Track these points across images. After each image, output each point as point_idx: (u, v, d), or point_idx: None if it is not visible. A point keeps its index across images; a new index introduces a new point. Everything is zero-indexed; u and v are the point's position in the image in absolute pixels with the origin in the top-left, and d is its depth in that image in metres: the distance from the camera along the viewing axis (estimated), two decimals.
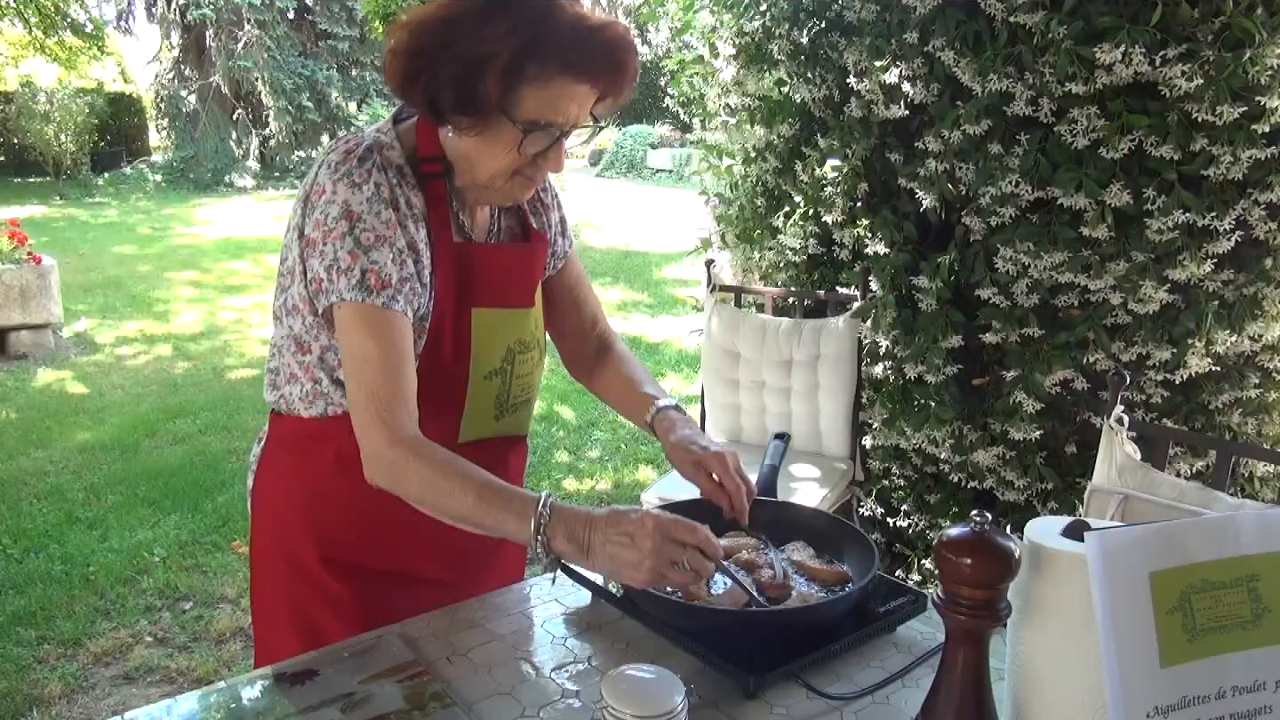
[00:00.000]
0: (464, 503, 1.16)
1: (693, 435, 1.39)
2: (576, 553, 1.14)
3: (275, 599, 1.43)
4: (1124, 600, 0.80)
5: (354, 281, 1.21)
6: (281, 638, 1.40)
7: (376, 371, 1.20)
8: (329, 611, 1.37)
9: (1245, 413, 2.48)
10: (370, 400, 1.20)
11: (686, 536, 1.11)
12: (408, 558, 1.40)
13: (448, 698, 1.13)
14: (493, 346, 1.35)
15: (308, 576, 1.38)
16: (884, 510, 3.05)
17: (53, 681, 2.81)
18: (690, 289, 7.82)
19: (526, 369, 1.42)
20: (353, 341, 1.22)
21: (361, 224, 1.21)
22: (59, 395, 5.61)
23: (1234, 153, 2.14)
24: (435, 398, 1.30)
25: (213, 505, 4.02)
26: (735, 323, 2.99)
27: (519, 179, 1.28)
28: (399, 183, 1.25)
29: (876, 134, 2.71)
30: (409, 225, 1.25)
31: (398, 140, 1.29)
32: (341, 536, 1.37)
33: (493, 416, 1.39)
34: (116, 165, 17.25)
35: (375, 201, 1.22)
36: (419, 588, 1.39)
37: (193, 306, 7.87)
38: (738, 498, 1.33)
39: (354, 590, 1.37)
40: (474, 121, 1.21)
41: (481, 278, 1.33)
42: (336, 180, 1.22)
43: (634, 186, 17.32)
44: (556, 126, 1.22)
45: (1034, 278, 2.42)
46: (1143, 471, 1.71)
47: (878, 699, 1.14)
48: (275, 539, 1.42)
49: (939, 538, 0.89)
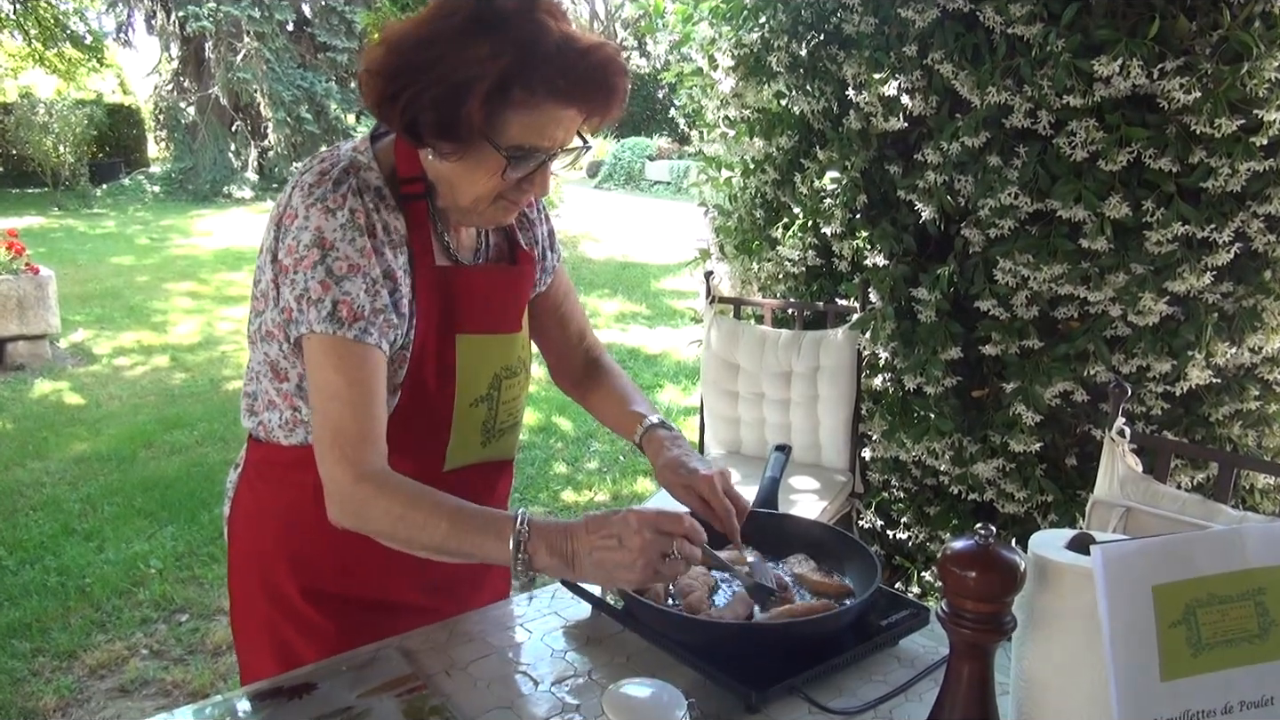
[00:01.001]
0: (438, 532, 1.12)
1: (681, 456, 1.36)
2: (561, 566, 1.10)
3: (254, 626, 1.40)
4: (1127, 613, 0.80)
5: (325, 313, 1.16)
6: (262, 663, 1.37)
7: (344, 408, 1.16)
8: (308, 641, 1.34)
9: (1246, 425, 2.47)
10: (336, 437, 1.15)
11: (672, 526, 1.10)
12: (389, 587, 1.36)
13: (447, 712, 1.12)
14: (479, 374, 1.31)
15: (286, 607, 1.35)
16: (883, 522, 3.04)
17: (47, 694, 2.79)
18: (688, 300, 7.82)
19: (513, 393, 1.38)
20: (321, 376, 1.17)
21: (334, 253, 1.16)
22: (56, 406, 5.60)
23: (1232, 165, 2.14)
24: (420, 426, 1.28)
25: (209, 517, 4.01)
26: (734, 334, 2.99)
27: (502, 203, 1.23)
28: (376, 206, 1.20)
29: (875, 146, 2.71)
30: (386, 252, 1.20)
31: (375, 160, 1.23)
32: (321, 566, 1.33)
33: (479, 443, 1.36)
34: (115, 176, 17.26)
35: (349, 228, 1.17)
36: (401, 616, 1.35)
37: (190, 317, 7.86)
38: (728, 521, 1.30)
39: (334, 621, 1.34)
40: (455, 147, 1.15)
41: (466, 304, 1.29)
42: (310, 205, 1.17)
43: (632, 198, 17.34)
44: (542, 151, 1.17)
45: (1033, 289, 2.42)
46: (1144, 484, 1.70)
47: (880, 713, 1.13)
48: (253, 567, 1.38)
49: (943, 551, 0.88)
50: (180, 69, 17.92)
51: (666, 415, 1.39)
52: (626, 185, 19.11)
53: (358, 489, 1.14)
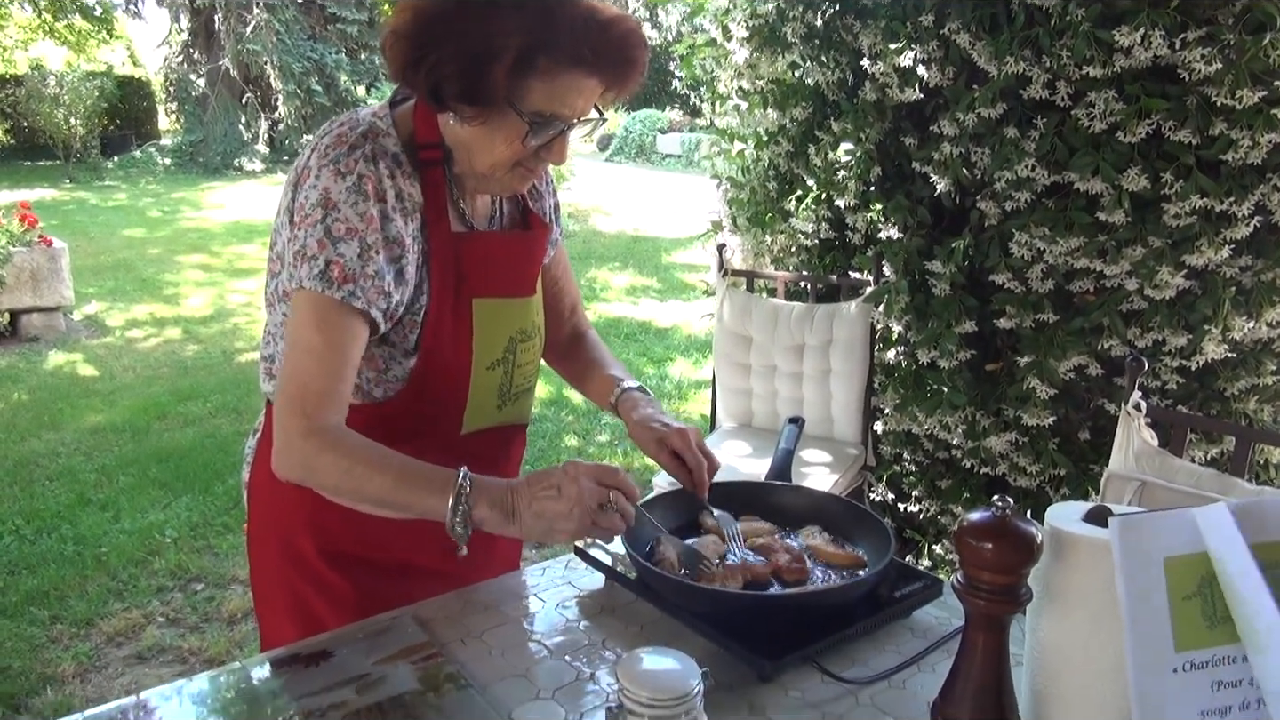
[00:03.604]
0: (383, 486, 1.15)
1: (654, 414, 1.39)
2: (501, 519, 1.14)
3: (274, 589, 1.42)
4: (1145, 586, 0.80)
5: (316, 270, 1.17)
6: (282, 626, 1.39)
7: (316, 365, 1.17)
8: (327, 602, 1.36)
9: (1262, 399, 2.46)
10: (301, 392, 1.17)
11: (608, 478, 1.14)
12: (407, 550, 1.38)
13: (462, 679, 1.13)
14: (495, 337, 1.33)
15: (305, 569, 1.37)
16: (895, 496, 3.05)
17: (66, 660, 2.82)
18: (699, 274, 7.80)
19: (528, 357, 1.40)
20: (300, 331, 1.19)
21: (336, 213, 1.17)
22: (70, 377, 5.63)
23: (1253, 137, 2.11)
24: (437, 390, 1.29)
25: (224, 487, 4.04)
26: (747, 307, 2.98)
27: (519, 170, 1.25)
28: (391, 172, 1.21)
29: (890, 117, 2.69)
30: (395, 219, 1.21)
31: (394, 125, 1.24)
32: (339, 530, 1.35)
33: (495, 406, 1.37)
34: (126, 149, 17.27)
35: (354, 193, 1.18)
36: (417, 579, 1.37)
37: (202, 290, 7.89)
38: (699, 473, 1.33)
39: (352, 582, 1.36)
40: (478, 111, 1.16)
41: (481, 268, 1.30)
42: (323, 166, 1.19)
43: (643, 172, 17.27)
44: (562, 120, 1.18)
45: (1049, 263, 2.40)
46: (1160, 458, 1.70)
47: (894, 683, 1.13)
48: (273, 531, 1.40)
49: (960, 522, 0.88)
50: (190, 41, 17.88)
51: (677, 389, 1.40)
52: (637, 158, 19.02)
53: (307, 442, 1.16)
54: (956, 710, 0.90)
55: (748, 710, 1.08)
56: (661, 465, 1.37)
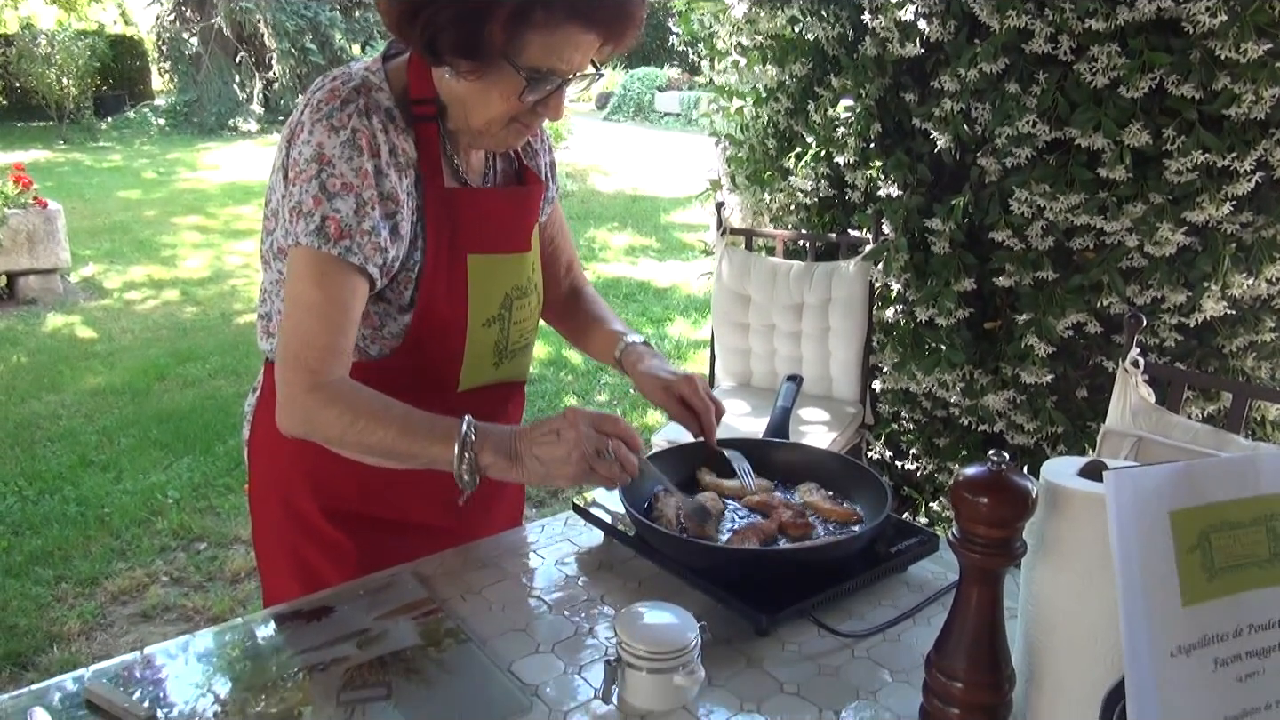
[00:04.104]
0: (387, 436, 1.16)
1: (660, 364, 1.41)
2: (505, 463, 1.15)
3: (277, 547, 1.43)
4: (1143, 540, 0.80)
5: (313, 227, 1.17)
6: (284, 584, 1.40)
7: (318, 322, 1.18)
8: (329, 560, 1.37)
9: (1259, 357, 2.46)
10: (304, 348, 1.17)
11: (609, 427, 1.15)
12: (408, 506, 1.39)
13: (462, 634, 1.14)
14: (490, 293, 1.32)
15: (307, 526, 1.38)
16: (892, 454, 3.06)
17: (71, 619, 2.85)
18: (699, 233, 7.77)
19: (524, 314, 1.39)
20: (300, 287, 1.19)
21: (331, 169, 1.17)
22: (69, 340, 5.63)
23: (1257, 91, 2.09)
24: (433, 347, 1.30)
25: (224, 448, 4.05)
26: (745, 266, 2.97)
27: (515, 126, 1.23)
28: (385, 127, 1.20)
29: (891, 73, 2.66)
30: (389, 174, 1.20)
31: (387, 80, 1.23)
32: (341, 487, 1.36)
33: (491, 364, 1.38)
34: (119, 109, 17.10)
35: (349, 148, 1.17)
36: (419, 535, 1.39)
37: (199, 251, 7.86)
38: (706, 418, 1.35)
39: (354, 539, 1.37)
40: (474, 66, 1.15)
41: (476, 224, 1.30)
42: (316, 121, 1.18)
43: (641, 130, 17.12)
44: (559, 74, 1.17)
45: (1049, 220, 2.39)
46: (1157, 414, 1.70)
47: (889, 636, 1.15)
48: (274, 489, 1.41)
49: (956, 476, 0.88)
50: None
51: (676, 348, 1.41)
52: (636, 117, 18.86)
53: (311, 397, 1.17)
54: (951, 662, 0.91)
55: (745, 663, 1.09)
56: (670, 413, 1.38)
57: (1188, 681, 0.79)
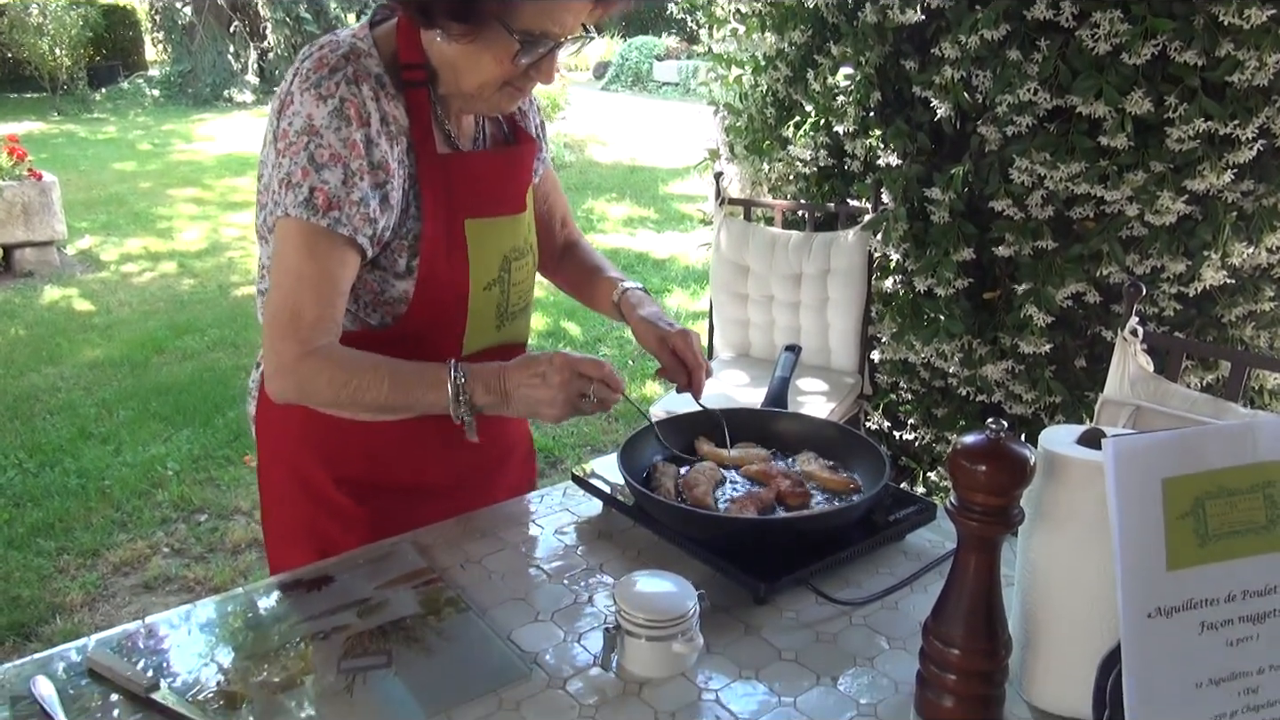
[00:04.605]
0: (380, 391, 1.19)
1: (659, 313, 1.42)
2: (498, 402, 1.20)
3: (288, 518, 1.43)
4: (1136, 506, 0.80)
5: (301, 198, 1.17)
6: (294, 554, 1.39)
7: (307, 291, 1.18)
8: (340, 529, 1.37)
9: (1259, 326, 2.46)
10: (293, 319, 1.18)
11: (592, 370, 1.20)
12: (417, 472, 1.40)
13: (462, 603, 1.15)
14: (489, 257, 1.33)
15: (320, 497, 1.38)
16: (891, 424, 3.06)
17: (74, 590, 2.87)
18: (697, 204, 7.73)
19: (522, 275, 1.40)
20: (289, 258, 1.19)
21: (319, 140, 1.16)
22: (66, 312, 5.62)
23: (1260, 58, 2.07)
24: (436, 314, 1.30)
25: (223, 420, 4.06)
26: (744, 236, 2.96)
27: (508, 90, 1.23)
28: (375, 94, 1.19)
29: (891, 40, 2.63)
30: (380, 142, 1.19)
31: (375, 46, 1.22)
32: (350, 456, 1.36)
33: (494, 327, 1.38)
34: (113, 80, 16.93)
35: (337, 118, 1.16)
36: (430, 501, 1.39)
37: (195, 224, 7.82)
38: (697, 374, 1.36)
39: (366, 507, 1.37)
40: (467, 29, 1.14)
41: (470, 188, 1.30)
42: (304, 90, 1.17)
43: (639, 100, 16.99)
44: (552, 37, 1.17)
45: (1049, 189, 2.37)
46: (1155, 383, 1.70)
47: (886, 604, 1.15)
48: (282, 461, 1.41)
49: (954, 445, 0.88)
50: None
51: (675, 319, 1.41)
52: (634, 87, 18.70)
53: (302, 364, 1.18)
54: (948, 629, 0.91)
55: (743, 631, 1.10)
56: (661, 362, 1.40)
57: (1166, 643, 0.80)
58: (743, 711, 0.97)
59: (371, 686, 1.01)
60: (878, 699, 0.99)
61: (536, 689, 1.00)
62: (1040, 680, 0.96)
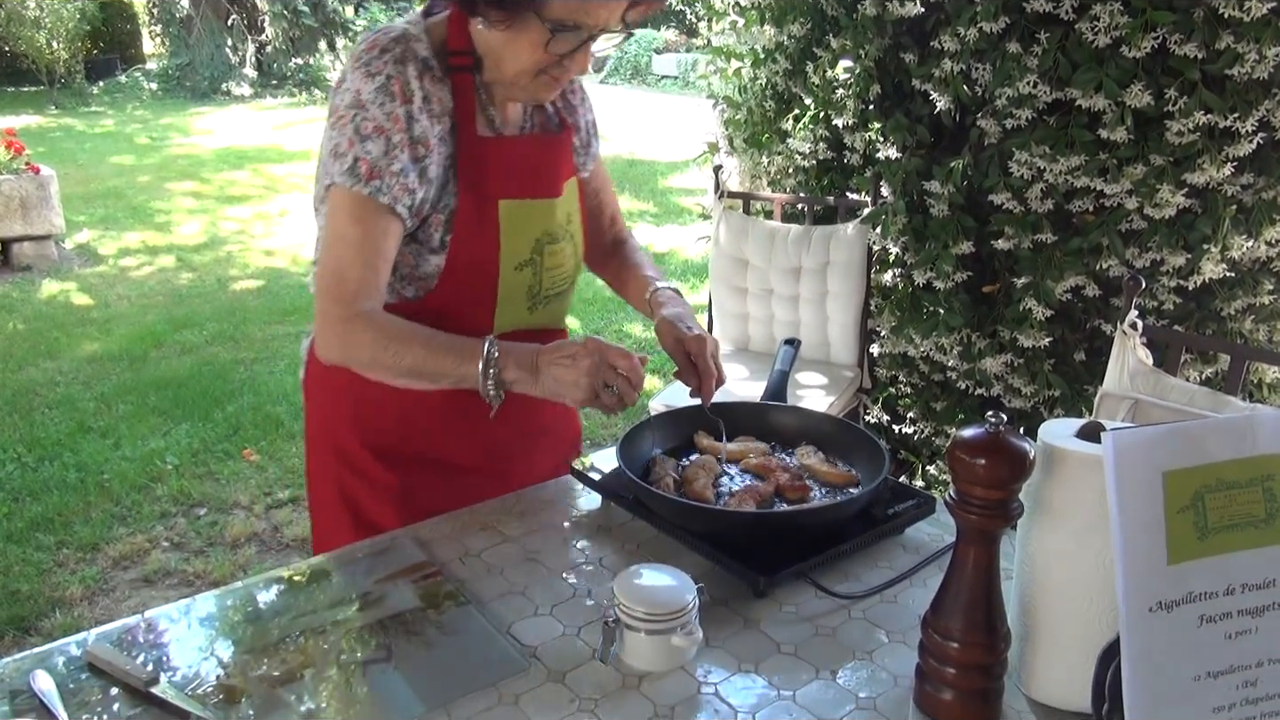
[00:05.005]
0: (417, 357, 1.24)
1: (683, 314, 1.43)
2: (526, 378, 1.23)
3: (327, 486, 1.49)
4: (1136, 499, 0.80)
5: (346, 167, 1.24)
6: (333, 520, 1.46)
7: (353, 256, 1.25)
8: (375, 497, 1.44)
9: (1258, 319, 2.46)
10: (338, 281, 1.25)
11: (620, 361, 1.22)
12: (448, 447, 1.44)
13: (461, 597, 1.15)
14: (521, 238, 1.37)
15: (354, 464, 1.44)
16: (890, 417, 3.06)
17: (73, 584, 2.87)
18: (696, 198, 7.72)
19: (557, 261, 1.43)
20: (337, 223, 1.27)
21: (364, 113, 1.24)
22: (65, 306, 5.61)
23: (1260, 50, 2.07)
24: (467, 289, 1.35)
25: (223, 414, 4.06)
26: (743, 230, 2.96)
27: (544, 78, 1.28)
28: (420, 75, 1.27)
29: (890, 33, 2.63)
30: (421, 119, 1.26)
31: (426, 33, 1.30)
32: (384, 426, 1.42)
33: (526, 308, 1.42)
34: (111, 73, 16.88)
35: (382, 94, 1.24)
36: (462, 478, 1.44)
37: (194, 217, 7.80)
38: (706, 382, 1.36)
39: (398, 475, 1.43)
40: (504, 16, 1.20)
41: (506, 171, 1.35)
42: (356, 69, 1.26)
43: (638, 93, 16.96)
44: (585, 29, 1.22)
45: (1049, 182, 2.37)
46: (1154, 377, 1.70)
47: (886, 598, 1.15)
48: (324, 427, 1.48)
49: (953, 438, 0.88)
50: None
51: None
52: (633, 80, 18.66)
53: (347, 325, 1.26)
54: (947, 622, 0.91)
55: (742, 624, 1.10)
56: (676, 363, 1.40)
57: (1166, 637, 0.80)
58: (742, 705, 0.97)
59: (371, 680, 1.01)
60: (877, 692, 0.99)
61: (536, 682, 1.00)
62: (1039, 674, 0.96)
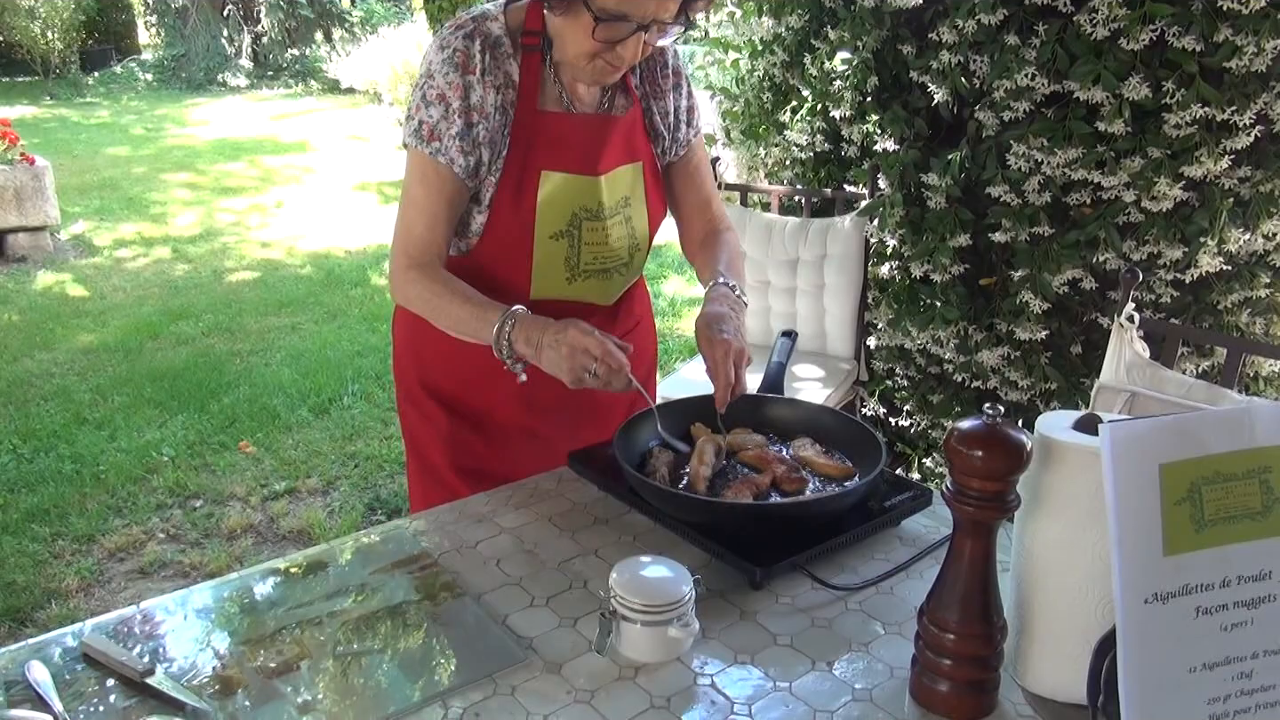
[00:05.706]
0: (458, 313, 1.37)
1: (725, 313, 1.41)
2: (532, 353, 1.30)
3: (402, 416, 1.66)
4: (1133, 491, 0.80)
5: (413, 128, 1.39)
6: (410, 456, 1.65)
7: (418, 214, 1.41)
8: (426, 427, 1.58)
9: (1254, 312, 2.46)
10: (405, 234, 1.42)
11: (594, 348, 1.26)
12: (489, 400, 1.54)
13: (458, 588, 1.15)
14: (558, 209, 1.44)
15: (412, 395, 1.61)
16: (886, 410, 3.06)
17: (69, 576, 2.87)
18: None
19: (597, 238, 1.48)
20: (409, 180, 1.42)
21: (431, 81, 1.38)
22: (60, 298, 5.59)
23: (1259, 43, 2.07)
24: (504, 250, 1.45)
25: (219, 406, 4.05)
26: (741, 222, 2.95)
27: (599, 63, 1.35)
28: (489, 51, 1.38)
29: (889, 24, 2.62)
30: (479, 89, 1.37)
31: (504, 15, 1.41)
32: (435, 368, 1.57)
33: (564, 279, 1.48)
34: (106, 64, 16.81)
35: (448, 64, 1.37)
36: (507, 435, 1.56)
37: (189, 209, 7.78)
38: (720, 391, 1.35)
39: (445, 411, 1.56)
40: (560, 3, 1.29)
41: (551, 143, 1.43)
42: (435, 43, 1.40)
43: None
44: (633, 19, 1.27)
45: (1046, 175, 2.37)
46: (1151, 369, 1.70)
47: (882, 590, 1.15)
48: (397, 360, 1.65)
49: (950, 430, 0.88)
50: None
51: (671, 306, 1.44)
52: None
53: (404, 275, 1.42)
54: (943, 614, 0.91)
55: (739, 616, 1.10)
56: (705, 360, 1.39)
57: (1162, 628, 0.80)
58: (738, 696, 0.97)
59: (367, 671, 1.01)
60: (873, 684, 0.99)
61: (532, 673, 1.00)
62: (1035, 665, 0.97)
